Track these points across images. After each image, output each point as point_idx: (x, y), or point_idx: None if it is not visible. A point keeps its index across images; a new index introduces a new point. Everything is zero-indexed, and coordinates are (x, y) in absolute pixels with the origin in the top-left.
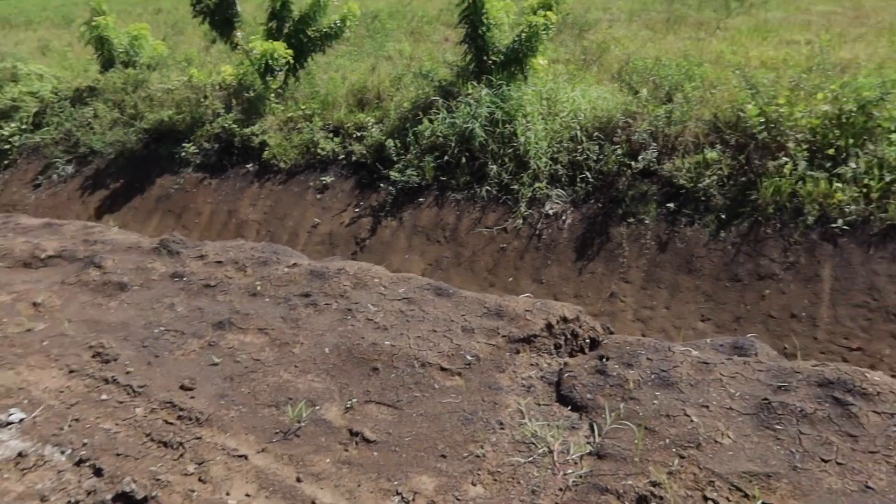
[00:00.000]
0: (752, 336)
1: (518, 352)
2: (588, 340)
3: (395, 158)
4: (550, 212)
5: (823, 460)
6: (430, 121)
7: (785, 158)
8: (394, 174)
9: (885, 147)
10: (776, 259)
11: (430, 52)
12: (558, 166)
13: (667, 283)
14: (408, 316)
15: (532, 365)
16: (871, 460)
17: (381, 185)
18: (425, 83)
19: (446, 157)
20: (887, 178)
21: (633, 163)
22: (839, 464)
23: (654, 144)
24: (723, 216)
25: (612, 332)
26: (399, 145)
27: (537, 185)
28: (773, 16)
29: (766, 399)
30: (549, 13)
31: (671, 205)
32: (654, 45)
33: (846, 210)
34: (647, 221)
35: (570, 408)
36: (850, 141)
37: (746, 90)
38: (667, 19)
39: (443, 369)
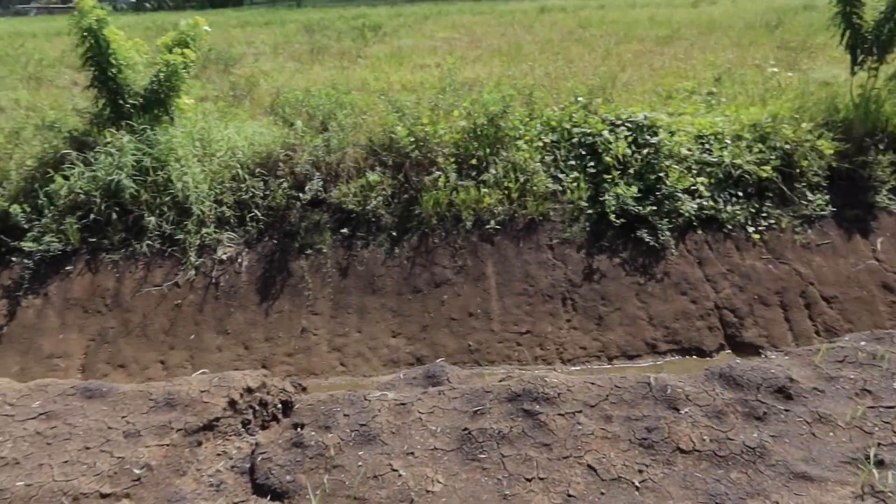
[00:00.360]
0: (440, 361)
1: (200, 444)
2: (280, 406)
3: (25, 226)
4: (224, 257)
5: (527, 479)
6: (65, 177)
7: (438, 172)
8: (27, 244)
9: (515, 153)
10: (447, 265)
11: (56, 100)
12: (224, 208)
13: (355, 308)
14: (48, 437)
15: (220, 455)
16: (566, 466)
17: (13, 258)
18: (52, 135)
19: (93, 216)
20: (521, 179)
21: (300, 194)
22: (541, 479)
23: (319, 174)
24: (394, 234)
25: (304, 389)
26: (29, 210)
27: (205, 230)
28: (404, 43)
29: (465, 429)
30: (186, 51)
31: (345, 230)
32: (303, 76)
33: (495, 211)
34: (325, 250)
35: (269, 497)
36: (488, 150)
37: (394, 113)
38: (310, 50)
39: (104, 496)
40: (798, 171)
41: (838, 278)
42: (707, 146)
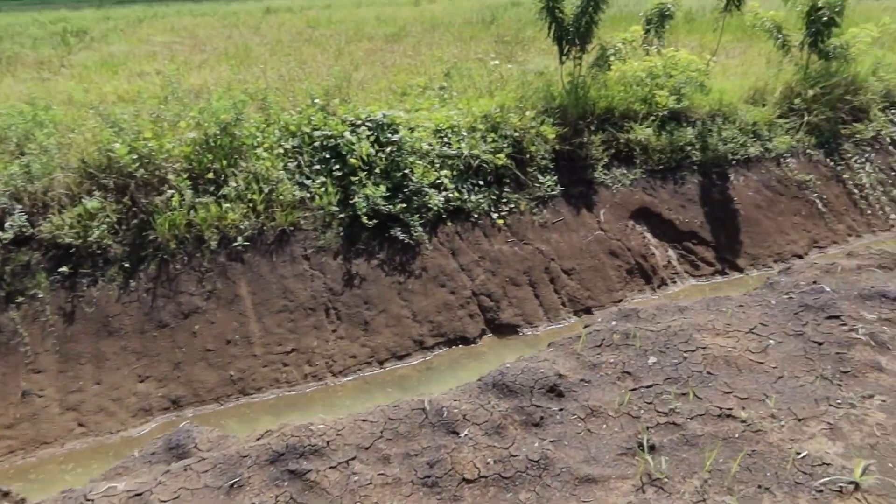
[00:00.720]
0: (186, 425)
1: None
2: None
3: None
4: None
5: None
6: None
7: (170, 191)
8: None
9: (255, 162)
10: (195, 292)
11: None
12: None
13: (89, 356)
14: None
15: None
16: None
17: None
18: None
19: None
20: (265, 190)
21: (0, 234)
22: None
23: (20, 206)
24: (127, 265)
25: (6, 494)
26: None
27: None
28: (117, 49)
29: None
30: None
31: (64, 268)
32: None
33: (241, 227)
34: (41, 296)
35: None
36: (224, 162)
37: (109, 129)
38: None
39: None
40: (528, 156)
41: (573, 251)
42: (446, 139)
